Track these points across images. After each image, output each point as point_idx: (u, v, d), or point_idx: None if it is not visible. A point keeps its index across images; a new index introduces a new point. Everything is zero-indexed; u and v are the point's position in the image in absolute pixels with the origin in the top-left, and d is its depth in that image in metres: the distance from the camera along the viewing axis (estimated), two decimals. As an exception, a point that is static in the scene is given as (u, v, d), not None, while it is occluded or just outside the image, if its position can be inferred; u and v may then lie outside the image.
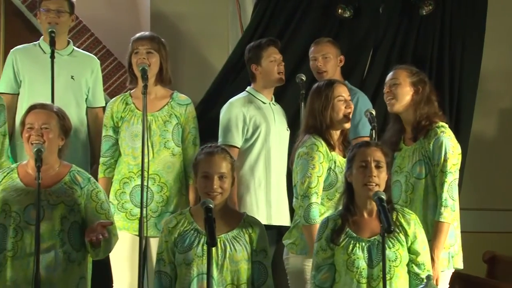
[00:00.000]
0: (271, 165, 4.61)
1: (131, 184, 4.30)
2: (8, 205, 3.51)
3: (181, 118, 4.39)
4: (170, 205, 4.31)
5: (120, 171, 4.34)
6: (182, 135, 4.39)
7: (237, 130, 4.58)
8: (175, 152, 4.35)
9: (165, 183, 4.30)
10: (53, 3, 4.62)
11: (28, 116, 3.61)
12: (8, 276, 3.46)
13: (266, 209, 4.58)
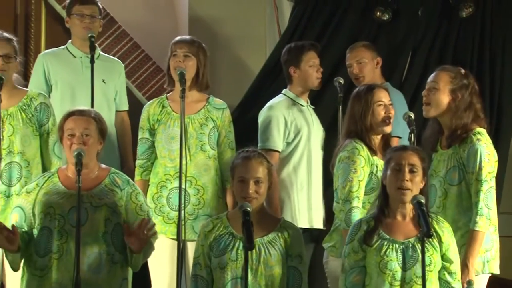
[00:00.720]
0: (312, 168, 4.60)
1: (168, 187, 4.32)
2: (53, 208, 3.54)
3: (218, 122, 4.40)
4: (207, 208, 4.32)
5: (156, 174, 4.36)
6: (218, 139, 4.40)
7: (278, 133, 4.57)
8: (210, 155, 4.36)
9: (201, 185, 4.31)
10: (87, 8, 4.68)
11: (67, 122, 3.63)
12: (54, 278, 3.49)
13: (308, 212, 4.56)
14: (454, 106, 3.92)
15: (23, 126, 4.20)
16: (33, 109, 4.23)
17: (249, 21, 5.72)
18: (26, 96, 4.25)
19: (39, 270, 3.52)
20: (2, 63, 4.15)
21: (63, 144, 3.62)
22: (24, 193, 3.62)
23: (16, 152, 4.16)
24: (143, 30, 5.73)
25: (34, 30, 5.78)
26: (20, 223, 3.57)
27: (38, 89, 4.61)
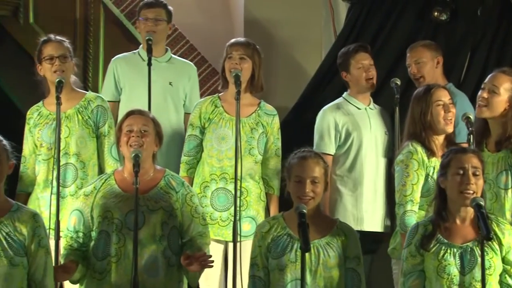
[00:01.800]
0: (364, 172, 4.56)
1: (212, 188, 4.33)
2: (110, 212, 3.57)
3: (267, 128, 4.40)
4: (250, 210, 4.32)
5: (201, 174, 4.38)
6: (265, 145, 4.40)
7: (329, 137, 4.56)
8: (257, 160, 4.37)
9: (245, 187, 4.31)
10: (152, 11, 4.72)
11: (126, 120, 3.67)
12: (113, 281, 3.52)
13: (358, 214, 4.53)
14: (510, 113, 3.89)
15: (79, 128, 4.26)
16: (90, 112, 4.30)
17: (305, 23, 5.71)
18: (84, 99, 4.32)
19: (98, 273, 3.55)
20: (59, 64, 4.22)
21: (121, 143, 3.64)
22: (82, 196, 3.66)
23: (72, 154, 4.23)
24: (199, 32, 5.77)
25: (93, 34, 5.88)
26: (78, 226, 3.61)
27: (109, 93, 4.71)
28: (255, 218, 4.33)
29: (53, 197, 4.12)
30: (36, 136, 4.26)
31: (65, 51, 4.26)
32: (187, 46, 5.68)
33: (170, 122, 4.71)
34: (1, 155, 3.34)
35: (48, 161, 4.22)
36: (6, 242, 3.29)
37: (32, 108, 4.36)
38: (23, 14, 5.77)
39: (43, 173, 4.22)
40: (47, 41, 4.27)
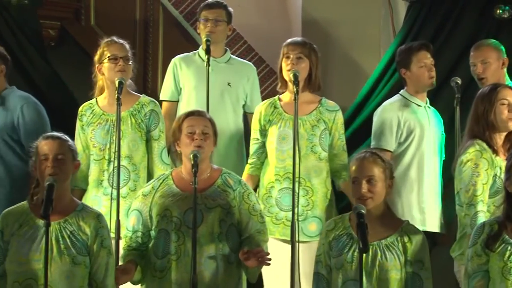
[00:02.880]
0: (424, 170, 4.50)
1: (277, 188, 4.33)
2: (169, 211, 3.59)
3: (329, 124, 4.38)
4: (316, 210, 4.30)
5: (266, 174, 4.39)
6: (331, 141, 4.38)
7: (391, 134, 4.51)
8: (321, 157, 4.34)
9: (310, 187, 4.30)
10: (212, 12, 4.74)
11: (186, 121, 3.67)
12: (173, 279, 3.53)
13: (420, 214, 4.47)
14: None
15: (132, 131, 4.31)
16: (143, 115, 4.34)
17: (363, 22, 5.67)
18: (138, 102, 4.37)
19: (158, 271, 3.57)
20: (122, 64, 4.28)
21: (180, 143, 3.65)
22: (140, 196, 3.68)
23: (124, 156, 4.26)
24: (257, 33, 5.79)
25: (152, 35, 5.96)
26: (137, 226, 3.64)
27: (168, 93, 4.76)
28: (321, 218, 4.30)
29: (105, 198, 4.17)
30: (89, 135, 4.31)
31: (127, 53, 4.32)
32: (245, 47, 5.71)
33: (227, 122, 4.74)
34: (67, 155, 3.39)
35: (100, 161, 4.26)
36: (70, 240, 3.35)
37: (85, 104, 4.39)
38: (85, 16, 5.88)
39: (94, 173, 4.27)
40: (110, 42, 4.33)
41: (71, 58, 5.72)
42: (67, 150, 3.41)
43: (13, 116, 4.37)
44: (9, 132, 4.36)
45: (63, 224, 3.36)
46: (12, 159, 4.34)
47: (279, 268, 4.11)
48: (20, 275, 3.29)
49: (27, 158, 3.50)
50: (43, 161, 3.35)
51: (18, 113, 4.36)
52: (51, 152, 3.36)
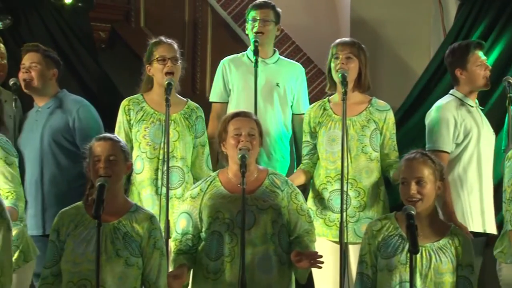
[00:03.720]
0: (482, 170, 4.43)
1: (329, 189, 4.31)
2: (221, 212, 3.61)
3: (380, 124, 4.34)
4: (368, 211, 4.27)
5: (318, 176, 4.37)
6: (382, 141, 4.34)
7: (448, 134, 4.42)
8: (372, 157, 4.31)
9: (362, 188, 4.27)
10: (260, 13, 4.75)
11: (232, 123, 3.69)
12: (228, 281, 3.53)
13: (481, 216, 4.40)
14: None
15: (187, 133, 4.34)
16: (193, 120, 4.37)
17: (413, 21, 5.61)
18: (187, 106, 4.40)
19: (212, 273, 3.59)
20: (171, 65, 4.31)
21: (227, 145, 3.66)
22: (189, 198, 3.70)
23: (179, 157, 4.30)
24: (305, 33, 5.78)
25: (201, 37, 5.99)
26: (187, 229, 3.66)
27: (218, 95, 4.79)
28: (373, 219, 4.27)
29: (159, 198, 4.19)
30: (142, 133, 4.32)
31: (176, 53, 4.35)
32: (293, 47, 5.71)
33: (276, 123, 4.74)
34: (119, 156, 3.43)
35: (153, 160, 4.28)
36: (123, 241, 3.38)
37: (131, 99, 4.39)
38: (135, 18, 5.95)
39: (147, 171, 4.29)
40: (159, 43, 4.36)
41: (121, 60, 5.79)
42: (119, 151, 3.44)
43: (69, 119, 4.43)
44: (64, 134, 4.42)
45: (117, 226, 3.40)
46: (67, 160, 4.41)
47: (331, 269, 4.10)
48: (75, 275, 3.33)
49: (81, 160, 3.54)
50: (96, 162, 3.40)
51: (74, 116, 4.43)
52: (103, 153, 3.40)
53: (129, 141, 4.32)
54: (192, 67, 5.88)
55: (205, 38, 5.96)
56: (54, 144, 4.40)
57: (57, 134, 4.41)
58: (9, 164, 3.89)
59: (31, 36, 5.04)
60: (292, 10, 5.73)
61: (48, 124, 4.42)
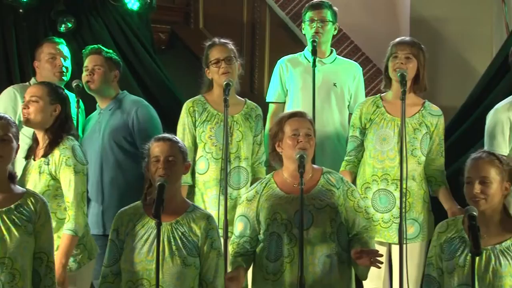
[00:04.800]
0: None
1: (373, 189, 4.28)
2: (279, 214, 3.61)
3: (431, 128, 4.30)
4: (413, 212, 4.24)
5: (362, 174, 4.34)
6: (431, 146, 4.29)
7: (503, 137, 4.34)
8: (420, 161, 4.27)
9: (408, 189, 4.23)
10: (317, 13, 4.73)
11: (289, 123, 3.68)
12: (288, 281, 3.54)
13: None
14: None
15: (250, 134, 4.37)
16: (253, 119, 4.39)
17: (474, 19, 5.52)
18: (246, 106, 4.42)
19: (271, 274, 3.59)
20: (225, 66, 4.33)
21: (283, 145, 3.66)
22: (245, 201, 3.71)
23: (243, 158, 4.34)
24: (363, 32, 5.74)
25: (259, 37, 6.01)
26: (244, 231, 3.67)
27: (275, 95, 4.80)
28: (418, 220, 4.24)
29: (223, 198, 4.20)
30: (208, 133, 4.37)
31: (230, 53, 4.37)
32: (351, 47, 5.68)
33: (333, 122, 4.72)
34: (177, 156, 3.45)
35: (218, 160, 4.31)
36: (181, 242, 3.40)
37: (194, 100, 4.43)
38: (194, 19, 6.01)
39: (213, 171, 4.33)
40: (212, 45, 4.40)
41: (181, 61, 5.86)
42: (178, 152, 3.46)
43: (128, 119, 4.50)
44: (124, 134, 4.49)
45: (175, 225, 3.42)
46: (127, 161, 4.47)
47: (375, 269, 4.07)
48: (134, 274, 3.36)
49: (141, 160, 3.59)
50: (155, 163, 3.42)
51: (132, 116, 4.49)
52: (162, 153, 3.42)
53: (194, 142, 4.37)
54: (250, 67, 5.90)
55: (263, 39, 5.97)
56: (115, 145, 4.47)
57: (117, 135, 4.48)
58: (77, 173, 3.91)
59: (93, 39, 5.13)
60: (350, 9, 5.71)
61: (109, 125, 4.49)
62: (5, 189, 3.26)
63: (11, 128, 3.27)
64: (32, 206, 3.25)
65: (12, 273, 3.18)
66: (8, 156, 3.25)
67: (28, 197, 3.27)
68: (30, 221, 3.23)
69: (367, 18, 5.89)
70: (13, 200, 3.25)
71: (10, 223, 3.20)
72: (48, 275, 3.26)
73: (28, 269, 3.22)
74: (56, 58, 4.62)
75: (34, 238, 3.24)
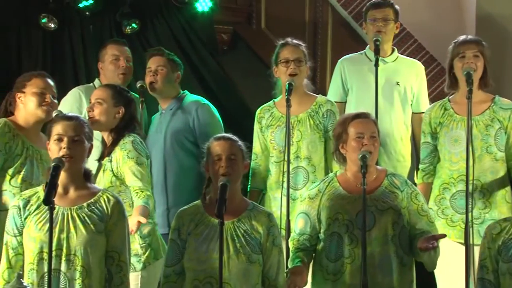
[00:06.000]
0: None
1: (452, 190, 4.21)
2: (341, 214, 3.60)
3: (505, 123, 4.21)
4: (494, 212, 4.16)
5: (440, 176, 4.28)
6: (507, 140, 4.20)
7: None
8: (497, 158, 4.19)
9: (487, 189, 4.16)
10: (380, 12, 4.70)
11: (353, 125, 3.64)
12: (348, 282, 3.51)
13: None
14: None
15: (311, 132, 4.35)
16: (320, 116, 4.37)
17: (543, 16, 5.39)
18: (315, 103, 4.40)
19: (331, 274, 3.58)
20: (293, 67, 4.34)
21: (347, 147, 3.63)
22: (307, 199, 3.70)
23: (303, 157, 4.32)
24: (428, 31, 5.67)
25: (321, 36, 6.00)
26: (305, 229, 3.66)
27: (336, 94, 4.77)
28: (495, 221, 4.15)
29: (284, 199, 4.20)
30: (269, 138, 4.40)
31: (300, 55, 4.37)
32: (415, 45, 5.61)
33: (397, 122, 4.68)
34: (238, 155, 3.47)
35: (280, 163, 4.33)
36: (244, 239, 3.42)
37: (263, 107, 4.49)
38: (256, 20, 6.03)
39: (275, 174, 4.35)
40: (284, 44, 4.40)
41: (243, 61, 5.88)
42: (238, 151, 3.48)
43: (188, 119, 4.55)
44: (186, 134, 4.53)
45: (237, 224, 3.45)
46: (189, 160, 4.51)
47: (454, 270, 4.03)
48: (200, 273, 3.39)
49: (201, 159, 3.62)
50: (216, 162, 3.44)
51: (193, 115, 4.54)
52: (224, 152, 3.44)
53: (265, 149, 4.40)
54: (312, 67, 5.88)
55: (325, 38, 5.95)
56: (176, 145, 4.53)
57: (179, 134, 4.53)
58: (140, 164, 3.99)
59: (157, 40, 5.21)
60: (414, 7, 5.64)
61: (171, 125, 4.55)
62: (80, 187, 3.35)
63: (83, 128, 3.36)
64: (104, 205, 3.33)
65: (79, 270, 3.25)
66: (80, 156, 3.33)
67: (102, 196, 3.35)
68: (102, 220, 3.31)
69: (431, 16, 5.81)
70: (86, 198, 3.34)
71: (79, 221, 3.28)
72: (118, 274, 3.32)
73: (95, 267, 3.29)
74: (119, 59, 4.70)
75: (106, 236, 3.31)
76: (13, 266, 3.30)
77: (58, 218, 3.27)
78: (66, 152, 3.28)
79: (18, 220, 3.32)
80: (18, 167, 3.88)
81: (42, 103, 3.93)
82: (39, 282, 3.24)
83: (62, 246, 3.25)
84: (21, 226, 3.32)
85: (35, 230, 3.28)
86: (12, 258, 3.31)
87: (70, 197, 3.34)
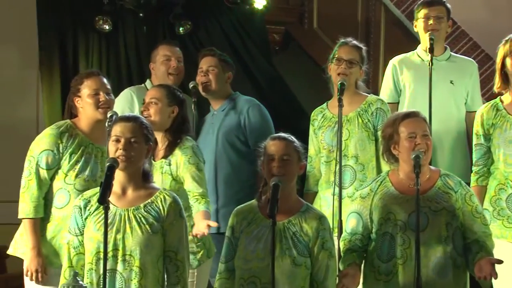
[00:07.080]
0: None
1: (508, 191, 4.13)
2: (393, 214, 3.57)
3: None
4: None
5: (495, 177, 4.20)
6: None
7: None
8: (552, 157, 4.11)
9: None
10: (433, 10, 4.65)
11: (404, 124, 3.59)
12: (400, 283, 3.48)
13: None
14: None
15: (359, 131, 4.32)
16: (369, 114, 4.34)
17: None
18: (365, 102, 4.37)
19: (383, 275, 3.55)
20: (344, 68, 4.32)
21: (400, 147, 3.59)
22: (358, 198, 3.68)
23: (350, 156, 4.29)
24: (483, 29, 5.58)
25: (374, 36, 5.96)
26: (356, 228, 3.64)
27: (388, 95, 4.72)
28: None
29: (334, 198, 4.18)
30: (320, 138, 4.40)
31: (355, 57, 4.34)
32: (470, 44, 5.53)
33: (452, 121, 4.62)
34: (292, 155, 3.47)
35: (330, 163, 4.32)
36: (292, 241, 3.42)
37: (316, 110, 4.49)
38: (308, 19, 6.02)
39: (325, 174, 4.34)
40: (343, 44, 4.39)
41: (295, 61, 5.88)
42: (293, 151, 3.48)
43: (240, 118, 4.57)
44: (237, 134, 4.56)
45: (287, 225, 3.44)
46: (240, 160, 4.53)
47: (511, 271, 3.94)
48: (246, 272, 3.41)
49: (252, 158, 3.63)
50: (270, 161, 3.45)
51: (244, 115, 4.56)
52: (277, 152, 3.44)
53: (319, 151, 4.40)
54: (366, 67, 5.86)
55: (378, 37, 5.91)
56: (228, 145, 4.55)
57: (230, 134, 4.55)
58: (200, 170, 4.03)
59: (209, 41, 5.24)
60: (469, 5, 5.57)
61: (223, 126, 4.57)
62: (138, 188, 3.38)
63: (141, 130, 3.39)
64: (161, 205, 3.36)
65: (135, 271, 3.29)
66: (137, 157, 3.36)
67: (159, 195, 3.38)
68: (158, 220, 3.34)
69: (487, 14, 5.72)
70: (144, 198, 3.37)
71: (135, 222, 3.32)
72: (174, 273, 3.35)
73: (151, 268, 3.32)
74: (170, 60, 4.74)
75: (163, 236, 3.34)
76: (74, 265, 3.36)
77: (116, 219, 3.32)
78: (122, 153, 3.32)
79: (80, 220, 3.38)
80: (73, 164, 3.95)
81: (98, 103, 3.99)
82: (97, 281, 3.30)
83: (119, 247, 3.30)
84: (82, 226, 3.38)
85: (94, 230, 3.33)
86: (74, 257, 3.37)
87: (128, 198, 3.38)
